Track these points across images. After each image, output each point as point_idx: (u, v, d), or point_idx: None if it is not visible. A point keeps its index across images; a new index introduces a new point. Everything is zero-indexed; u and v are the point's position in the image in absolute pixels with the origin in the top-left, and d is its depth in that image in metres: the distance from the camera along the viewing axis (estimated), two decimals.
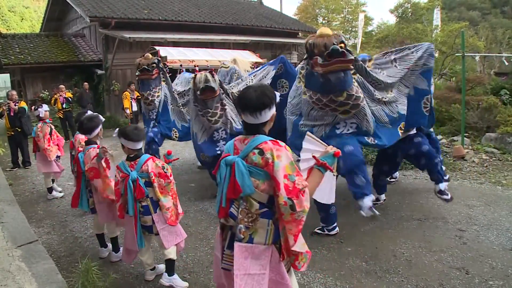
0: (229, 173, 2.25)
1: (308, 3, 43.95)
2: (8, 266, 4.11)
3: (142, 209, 3.62)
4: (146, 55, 7.30)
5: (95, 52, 16.91)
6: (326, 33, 4.02)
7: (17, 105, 8.95)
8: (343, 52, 3.86)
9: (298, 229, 2.21)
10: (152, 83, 7.19)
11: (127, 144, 3.62)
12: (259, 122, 2.28)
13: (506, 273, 3.91)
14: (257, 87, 2.32)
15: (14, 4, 52.55)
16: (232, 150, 2.36)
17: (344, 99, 4.19)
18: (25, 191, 7.52)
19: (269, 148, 2.18)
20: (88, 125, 4.26)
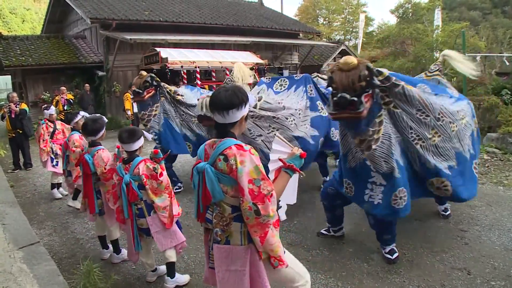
0: (201, 180, 2.30)
1: (308, 4, 43.94)
2: (10, 268, 4.12)
3: (138, 212, 3.62)
4: (140, 73, 6.83)
5: (96, 54, 16.94)
6: (348, 65, 3.31)
7: (18, 107, 8.96)
8: (352, 102, 3.25)
9: (265, 232, 2.24)
10: (146, 103, 6.71)
11: (122, 146, 3.66)
12: (227, 122, 2.30)
13: (508, 274, 3.90)
14: (229, 87, 2.34)
15: (15, 6, 52.68)
16: (203, 155, 2.41)
17: (358, 143, 3.69)
18: (26, 192, 7.52)
19: (232, 154, 2.20)
20: (93, 127, 4.23)
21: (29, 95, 15.68)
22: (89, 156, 4.21)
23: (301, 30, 23.21)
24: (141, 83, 6.61)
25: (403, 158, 3.94)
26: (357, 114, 3.32)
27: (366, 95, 3.31)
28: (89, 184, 4.29)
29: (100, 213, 4.39)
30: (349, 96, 3.25)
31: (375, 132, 3.66)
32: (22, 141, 9.22)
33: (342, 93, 3.29)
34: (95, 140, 4.30)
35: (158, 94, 6.85)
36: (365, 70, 3.29)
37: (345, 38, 42.03)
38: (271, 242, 2.28)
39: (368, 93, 3.34)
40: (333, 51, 24.78)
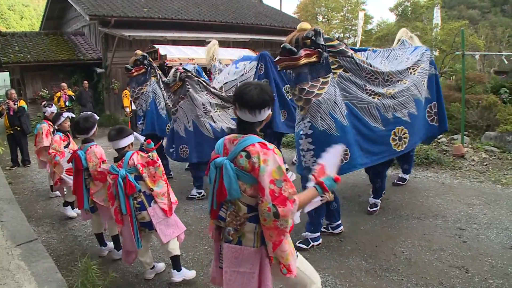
0: (218, 175, 2.22)
1: (308, 2, 43.87)
2: (8, 265, 4.11)
3: (138, 205, 3.62)
4: (135, 52, 7.22)
5: (95, 51, 16.90)
6: (302, 28, 4.08)
7: (16, 104, 8.94)
8: (290, 50, 3.89)
9: (280, 239, 2.17)
10: (137, 80, 7.15)
11: (111, 145, 3.72)
12: (256, 121, 2.25)
13: (505, 272, 3.91)
14: (256, 84, 2.26)
15: (14, 2, 52.48)
16: (221, 150, 2.33)
17: (298, 92, 4.19)
18: (24, 189, 7.51)
19: (256, 151, 2.12)
20: (85, 125, 4.25)
21: (28, 92, 15.65)
22: (82, 152, 4.25)
23: None
24: (132, 60, 7.09)
25: (349, 121, 4.37)
26: (294, 60, 3.93)
27: (305, 49, 3.95)
28: (80, 180, 4.33)
29: (92, 210, 4.40)
30: (288, 46, 3.90)
31: (315, 87, 4.15)
32: (20, 138, 9.21)
33: (284, 44, 3.94)
34: (88, 138, 4.33)
35: (149, 74, 7.23)
36: (312, 31, 3.96)
37: (344, 36, 41.94)
38: (284, 249, 2.23)
39: (309, 48, 3.97)
40: None
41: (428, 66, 5.38)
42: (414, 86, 4.97)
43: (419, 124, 5.08)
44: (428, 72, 5.34)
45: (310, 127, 4.24)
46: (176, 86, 6.03)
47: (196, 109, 6.06)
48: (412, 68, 5.18)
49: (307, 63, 4.01)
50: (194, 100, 6.07)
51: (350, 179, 7.00)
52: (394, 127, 4.73)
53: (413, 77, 5.07)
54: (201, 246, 4.75)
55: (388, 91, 4.72)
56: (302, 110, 4.28)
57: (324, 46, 4.09)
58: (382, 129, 4.62)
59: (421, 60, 5.34)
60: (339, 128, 4.25)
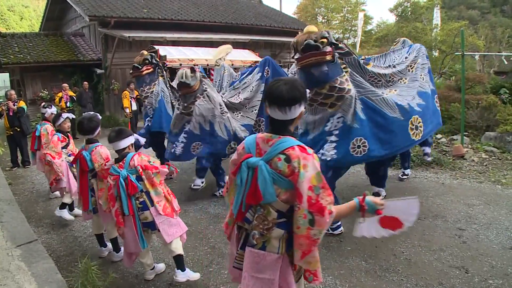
0: (251, 177, 2.09)
1: (307, 2, 43.92)
2: (8, 266, 4.11)
3: (141, 205, 3.63)
4: (141, 52, 7.37)
5: (95, 51, 16.89)
6: (310, 30, 4.12)
7: (16, 105, 8.94)
8: (316, 46, 3.94)
9: (309, 250, 2.10)
10: (145, 79, 7.27)
11: (111, 146, 3.74)
12: (287, 119, 2.09)
13: (505, 272, 3.91)
14: (287, 80, 2.13)
15: (14, 3, 52.51)
16: (254, 149, 2.18)
17: (327, 91, 4.26)
18: (24, 190, 7.51)
19: (296, 155, 2.01)
20: (89, 125, 4.24)
21: (27, 93, 15.63)
22: (87, 153, 4.24)
23: (300, 29, 23.07)
24: (141, 60, 7.20)
25: (366, 115, 4.48)
26: (323, 55, 3.97)
27: (328, 47, 4.04)
28: (85, 181, 4.33)
29: (94, 211, 4.40)
30: (313, 42, 3.93)
31: (345, 83, 4.25)
32: (20, 139, 9.21)
33: (307, 40, 3.96)
34: (92, 138, 4.32)
35: (156, 73, 7.37)
36: (324, 32, 4.05)
37: (344, 36, 41.97)
38: (313, 255, 2.14)
39: (329, 48, 4.07)
40: None
41: (426, 60, 5.69)
42: (413, 82, 5.21)
43: (430, 114, 5.26)
44: (426, 66, 5.61)
45: (342, 121, 4.41)
46: (197, 86, 5.93)
47: (214, 109, 6.04)
48: (410, 66, 5.39)
49: (330, 60, 4.12)
50: (212, 99, 6.05)
51: (350, 179, 7.01)
52: (411, 116, 4.85)
53: (411, 74, 5.34)
54: (201, 247, 4.75)
55: (391, 91, 4.90)
56: (333, 106, 4.38)
57: (336, 46, 4.22)
58: (401, 118, 4.72)
59: (418, 56, 5.60)
60: (358, 121, 4.42)
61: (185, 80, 5.80)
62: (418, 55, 5.60)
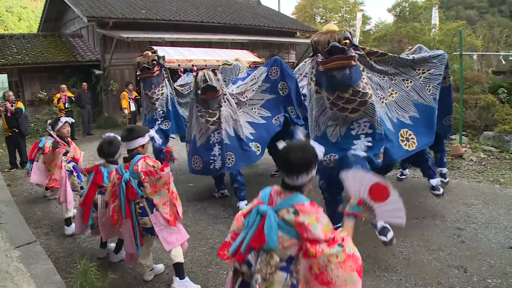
0: (258, 222, 2.22)
1: (306, 3, 43.91)
2: (7, 267, 4.11)
3: (140, 211, 3.59)
4: (145, 52, 7.13)
5: (93, 52, 16.88)
6: (331, 29, 3.91)
7: (14, 106, 8.92)
8: (343, 49, 3.72)
9: (360, 266, 2.21)
10: (154, 81, 7.03)
11: (123, 145, 3.70)
12: (297, 184, 2.24)
13: (504, 271, 3.92)
14: (298, 148, 2.26)
15: (12, 4, 52.44)
16: (267, 200, 2.32)
17: (350, 95, 4.01)
18: (23, 191, 7.50)
19: (306, 211, 2.14)
20: (109, 150, 4.25)
21: (26, 94, 15.61)
22: (105, 170, 4.26)
23: (298, 29, 23.19)
24: (149, 60, 6.88)
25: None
26: (349, 59, 3.77)
27: (354, 49, 3.84)
28: (92, 194, 4.28)
29: (92, 227, 4.40)
30: (339, 45, 3.70)
31: (367, 87, 4.04)
32: (19, 140, 9.19)
33: (333, 42, 3.73)
34: (112, 160, 4.32)
35: (163, 75, 7.17)
36: (346, 32, 3.85)
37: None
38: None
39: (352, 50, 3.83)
40: None
41: (441, 71, 5.12)
42: (414, 91, 4.94)
43: (425, 126, 4.95)
44: (440, 78, 5.10)
45: (370, 127, 4.21)
46: (221, 90, 5.56)
47: (234, 114, 5.81)
48: (419, 69, 5.06)
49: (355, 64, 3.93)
50: (232, 104, 5.82)
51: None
52: (400, 130, 4.69)
53: (417, 82, 4.99)
54: (200, 248, 4.75)
55: (391, 94, 4.76)
56: (354, 112, 4.14)
57: (356, 47, 4.08)
58: (392, 131, 4.55)
59: (432, 64, 5.11)
60: (382, 124, 4.28)
61: (211, 83, 5.36)
62: (434, 64, 5.10)
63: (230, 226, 4.82)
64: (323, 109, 4.36)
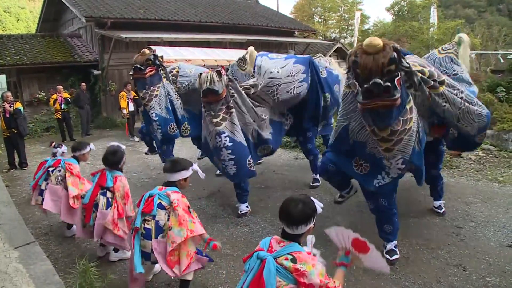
0: (258, 267, 2.37)
1: (304, 2, 43.92)
2: (6, 268, 4.10)
3: (144, 232, 3.42)
4: (142, 51, 6.78)
5: (91, 52, 16.86)
6: (375, 46, 3.02)
7: (12, 107, 8.91)
8: (387, 88, 2.98)
9: None
10: (147, 81, 6.62)
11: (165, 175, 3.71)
12: (295, 234, 2.43)
13: (503, 269, 3.92)
14: (298, 201, 2.44)
15: (10, 4, 52.38)
16: (267, 247, 2.48)
17: (388, 135, 3.42)
18: (22, 192, 7.49)
19: (303, 259, 2.32)
20: (114, 160, 4.31)
21: (24, 94, 15.59)
22: (109, 173, 4.30)
23: (296, 28, 23.18)
24: (143, 60, 6.56)
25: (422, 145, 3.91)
26: (393, 102, 3.08)
27: (397, 80, 3.06)
28: (94, 195, 4.29)
29: (84, 226, 4.42)
30: (383, 82, 2.97)
31: (406, 121, 3.41)
32: (17, 140, 9.17)
33: (374, 79, 2.98)
34: (116, 169, 4.38)
35: (159, 75, 6.77)
36: (393, 51, 3.02)
37: (341, 36, 42.04)
38: None
39: (398, 78, 3.09)
40: (329, 49, 24.80)
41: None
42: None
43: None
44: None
45: (403, 163, 3.74)
46: (224, 93, 5.14)
47: (244, 115, 5.41)
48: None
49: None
50: (241, 106, 5.39)
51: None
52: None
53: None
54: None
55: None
56: (388, 151, 3.62)
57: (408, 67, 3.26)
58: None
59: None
60: (414, 156, 3.77)
61: (212, 86, 4.97)
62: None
63: (229, 225, 4.85)
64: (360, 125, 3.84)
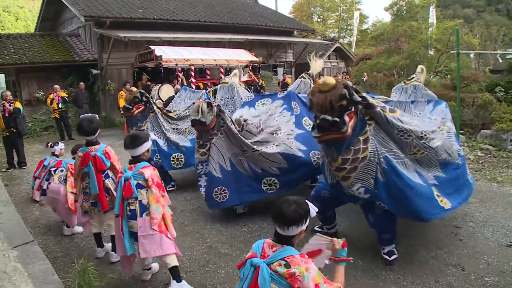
0: (252, 274, 2.34)
1: (303, 1, 43.95)
2: (4, 267, 4.10)
3: (130, 213, 3.60)
4: (130, 89, 7.09)
5: (90, 52, 16.84)
6: (327, 85, 3.44)
7: (12, 106, 8.91)
8: (335, 123, 3.35)
9: None
10: (139, 117, 6.81)
11: (128, 153, 3.75)
12: (288, 235, 2.38)
13: (501, 269, 3.93)
14: (292, 201, 2.40)
15: (9, 4, 52.27)
16: (259, 252, 2.45)
17: (340, 164, 3.68)
18: (20, 191, 7.49)
19: (296, 263, 2.27)
20: (90, 127, 4.26)
21: (23, 94, 15.55)
22: (99, 153, 4.25)
23: (295, 28, 23.20)
24: (130, 98, 6.72)
25: (388, 177, 3.83)
26: (341, 134, 3.41)
27: (348, 114, 3.41)
28: (100, 182, 4.26)
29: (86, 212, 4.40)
30: (331, 118, 3.33)
31: (358, 152, 3.65)
32: (16, 139, 9.17)
33: (323, 116, 3.37)
34: (92, 140, 4.31)
35: (147, 110, 6.90)
36: (343, 88, 3.38)
37: (340, 35, 42.07)
38: None
39: (350, 111, 3.44)
40: (328, 49, 24.84)
41: (450, 122, 4.82)
42: (443, 149, 4.30)
43: (453, 186, 4.40)
44: (452, 130, 4.74)
45: (366, 191, 3.86)
46: (213, 123, 5.30)
47: (233, 146, 5.41)
48: (440, 128, 4.59)
49: (352, 128, 3.51)
50: (230, 137, 5.39)
51: None
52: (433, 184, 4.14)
53: (443, 138, 4.43)
54: (198, 247, 4.75)
55: (416, 154, 4.11)
56: (345, 180, 3.82)
57: (359, 101, 3.56)
58: (423, 184, 3.99)
59: (445, 119, 4.78)
60: (379, 186, 3.83)
61: (199, 118, 5.20)
62: (446, 118, 4.78)
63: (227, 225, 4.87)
64: None
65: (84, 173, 4.31)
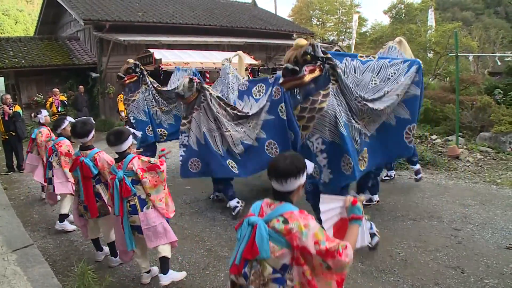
0: (249, 233, 2.26)
1: (302, 5, 44.05)
2: (4, 271, 4.09)
3: (130, 209, 3.65)
4: (127, 60, 7.46)
5: (90, 55, 16.88)
6: (298, 44, 3.97)
7: (11, 109, 8.91)
8: (293, 70, 3.79)
9: (342, 278, 2.30)
10: (132, 87, 7.40)
11: (112, 150, 3.75)
12: (285, 190, 2.29)
13: (501, 272, 3.93)
14: (288, 155, 2.34)
15: (8, 7, 52.32)
16: (257, 211, 2.37)
17: (299, 112, 4.08)
18: (20, 195, 7.48)
19: (295, 218, 2.18)
20: (84, 129, 4.19)
21: (23, 97, 15.58)
22: (87, 160, 4.16)
23: (294, 31, 23.24)
24: (125, 69, 7.27)
25: (347, 131, 4.15)
26: (299, 79, 3.83)
27: (308, 65, 3.85)
28: (89, 188, 4.22)
29: (82, 216, 4.39)
30: (291, 66, 3.82)
31: (316, 102, 4.00)
32: (16, 143, 9.17)
33: (286, 64, 3.87)
34: (86, 143, 4.26)
35: (140, 81, 7.45)
36: (309, 46, 3.88)
37: (339, 38, 42.15)
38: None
39: (313, 65, 3.88)
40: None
41: (413, 87, 4.82)
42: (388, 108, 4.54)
43: (380, 146, 4.72)
44: (412, 93, 4.81)
45: (323, 142, 4.10)
46: (193, 97, 5.72)
47: (209, 122, 5.72)
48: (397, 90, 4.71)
49: (312, 78, 3.91)
50: (208, 112, 5.73)
51: None
52: (362, 149, 4.45)
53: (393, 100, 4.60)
54: (197, 250, 4.74)
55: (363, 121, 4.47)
56: (305, 129, 4.13)
57: (323, 58, 3.99)
58: (356, 148, 4.33)
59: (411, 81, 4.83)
60: (341, 138, 4.05)
61: (179, 91, 5.66)
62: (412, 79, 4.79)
63: (227, 228, 4.88)
64: None
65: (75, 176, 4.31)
